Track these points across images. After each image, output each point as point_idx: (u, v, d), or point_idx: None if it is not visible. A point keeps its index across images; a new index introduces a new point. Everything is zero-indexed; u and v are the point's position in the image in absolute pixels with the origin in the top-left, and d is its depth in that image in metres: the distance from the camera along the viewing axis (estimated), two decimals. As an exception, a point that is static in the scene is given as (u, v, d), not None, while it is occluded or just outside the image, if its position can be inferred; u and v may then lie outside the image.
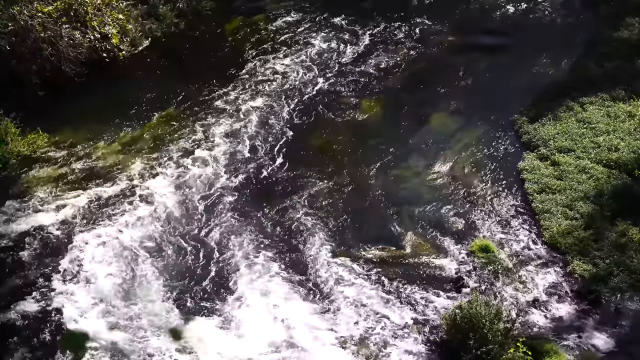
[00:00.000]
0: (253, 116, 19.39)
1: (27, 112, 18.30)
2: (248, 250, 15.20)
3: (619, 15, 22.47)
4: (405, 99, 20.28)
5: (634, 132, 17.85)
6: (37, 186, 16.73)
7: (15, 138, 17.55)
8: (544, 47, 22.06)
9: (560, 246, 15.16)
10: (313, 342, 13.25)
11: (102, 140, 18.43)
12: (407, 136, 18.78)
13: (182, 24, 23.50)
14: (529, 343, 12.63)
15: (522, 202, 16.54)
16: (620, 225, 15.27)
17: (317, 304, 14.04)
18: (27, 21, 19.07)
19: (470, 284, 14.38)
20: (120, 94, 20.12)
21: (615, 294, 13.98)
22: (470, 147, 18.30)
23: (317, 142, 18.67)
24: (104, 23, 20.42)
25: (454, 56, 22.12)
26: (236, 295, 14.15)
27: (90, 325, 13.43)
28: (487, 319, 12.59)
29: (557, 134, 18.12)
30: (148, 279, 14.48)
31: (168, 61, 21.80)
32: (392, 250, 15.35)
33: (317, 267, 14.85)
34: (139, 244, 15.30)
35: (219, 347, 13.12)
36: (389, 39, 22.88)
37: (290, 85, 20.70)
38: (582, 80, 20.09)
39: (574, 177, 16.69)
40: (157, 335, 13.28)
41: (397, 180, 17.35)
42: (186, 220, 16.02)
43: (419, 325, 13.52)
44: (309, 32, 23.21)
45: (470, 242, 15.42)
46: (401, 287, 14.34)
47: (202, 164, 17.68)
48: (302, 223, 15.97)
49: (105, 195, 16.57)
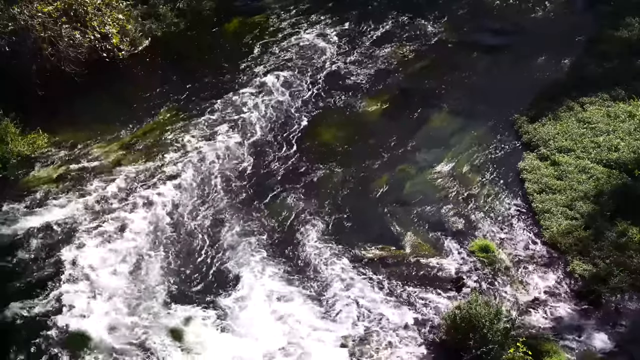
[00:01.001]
0: (253, 115, 19.40)
1: (27, 112, 18.27)
2: (248, 250, 15.21)
3: (619, 15, 22.48)
4: (405, 98, 20.27)
5: (634, 132, 17.85)
6: (37, 186, 16.74)
7: (15, 138, 17.54)
8: (544, 47, 22.04)
9: (560, 246, 15.15)
10: (313, 342, 13.24)
11: (102, 140, 18.44)
12: (407, 135, 18.78)
13: (182, 24, 23.49)
14: (529, 343, 12.63)
15: (522, 202, 16.55)
16: (620, 225, 15.27)
17: (317, 303, 14.04)
18: (27, 21, 19.09)
19: (470, 284, 14.38)
20: (120, 93, 20.14)
21: (615, 293, 13.97)
22: (470, 147, 18.30)
23: (317, 141, 18.68)
24: (104, 23, 20.44)
25: (454, 55, 22.12)
26: (236, 295, 14.15)
27: (90, 325, 13.41)
28: (487, 319, 12.60)
29: (557, 134, 18.12)
30: (148, 279, 14.49)
31: (168, 61, 21.78)
32: (392, 250, 15.36)
33: (317, 267, 14.86)
34: (139, 244, 15.30)
35: (219, 347, 13.11)
36: (389, 38, 22.86)
37: (290, 85, 20.69)
38: (582, 80, 20.07)
39: (574, 177, 16.69)
40: (157, 335, 13.28)
41: (397, 179, 17.34)
42: (187, 220, 16.02)
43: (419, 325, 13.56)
44: (309, 32, 23.20)
45: (470, 242, 15.42)
46: (401, 287, 14.35)
47: (202, 164, 17.69)
48: (302, 223, 15.99)
49: (105, 195, 16.56)
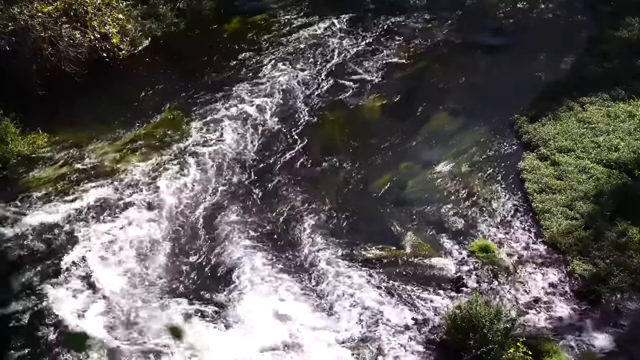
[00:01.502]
0: (253, 115, 19.41)
1: (27, 112, 18.28)
2: (248, 250, 15.21)
3: (619, 15, 22.47)
4: (405, 98, 20.26)
5: (634, 132, 17.85)
6: (37, 186, 16.74)
7: (15, 138, 17.54)
8: (544, 47, 22.04)
9: (560, 246, 15.15)
10: (313, 341, 13.24)
11: (102, 139, 18.44)
12: (408, 135, 18.78)
13: (182, 24, 23.50)
14: (529, 343, 12.63)
15: (522, 202, 16.54)
16: (620, 225, 15.26)
17: (317, 303, 14.04)
18: (27, 21, 19.07)
19: (470, 284, 14.38)
20: (120, 93, 20.14)
21: (615, 293, 13.97)
22: (470, 147, 18.29)
23: (317, 140, 18.67)
24: (104, 23, 20.44)
25: (455, 55, 22.12)
26: (237, 294, 14.16)
27: (90, 325, 13.42)
28: (487, 319, 12.59)
29: (557, 134, 18.11)
30: (149, 279, 14.50)
31: (168, 61, 21.77)
32: (392, 250, 15.36)
33: (317, 267, 14.85)
34: (139, 244, 15.31)
35: (219, 346, 13.11)
36: (389, 38, 22.87)
37: (290, 84, 20.70)
38: (582, 80, 20.07)
39: (574, 177, 16.69)
40: (157, 335, 13.29)
41: (397, 179, 17.35)
42: (187, 220, 16.03)
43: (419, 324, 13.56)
44: (309, 32, 23.20)
45: (470, 242, 15.42)
46: (401, 287, 14.35)
47: (202, 163, 17.69)
48: (302, 223, 15.99)
49: (105, 195, 16.57)
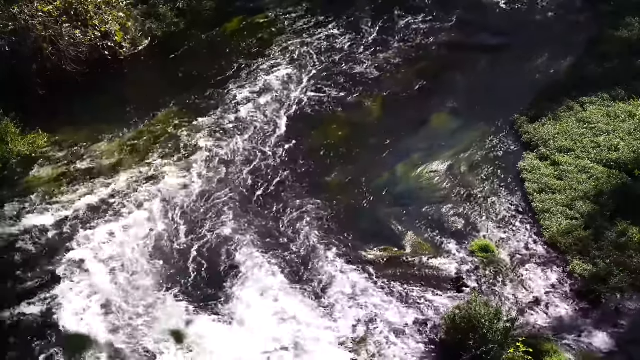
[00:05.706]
0: (253, 115, 19.41)
1: (27, 111, 18.29)
2: (248, 250, 15.21)
3: (619, 15, 22.45)
4: (405, 98, 20.27)
5: (634, 132, 17.84)
6: (38, 186, 16.75)
7: (15, 138, 17.55)
8: (544, 47, 22.03)
9: (560, 246, 15.13)
10: (313, 341, 13.24)
11: (102, 139, 18.45)
12: (407, 135, 18.78)
13: (182, 24, 23.51)
14: (529, 343, 12.61)
15: (522, 202, 16.52)
16: (620, 225, 15.26)
17: (317, 303, 14.05)
18: (28, 20, 19.10)
19: (470, 284, 14.39)
20: (120, 93, 20.16)
21: (615, 293, 13.96)
22: (470, 147, 18.29)
23: (316, 141, 18.67)
24: (104, 21, 20.44)
25: (454, 55, 22.09)
26: (237, 294, 14.16)
27: (90, 325, 13.45)
28: (487, 319, 12.59)
29: (557, 134, 18.11)
30: (149, 279, 14.51)
31: (168, 61, 21.79)
32: (392, 250, 15.37)
33: (317, 267, 14.86)
34: (139, 244, 15.32)
35: (219, 346, 13.12)
36: (389, 38, 22.86)
37: (290, 84, 20.70)
38: (582, 80, 20.03)
39: (574, 177, 16.69)
40: (157, 335, 13.30)
41: (397, 179, 17.35)
42: (187, 220, 16.03)
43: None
44: (309, 32, 23.21)
45: (470, 242, 15.42)
46: (401, 287, 14.35)
47: (202, 163, 17.70)
48: (302, 223, 15.98)
49: (105, 195, 16.58)
